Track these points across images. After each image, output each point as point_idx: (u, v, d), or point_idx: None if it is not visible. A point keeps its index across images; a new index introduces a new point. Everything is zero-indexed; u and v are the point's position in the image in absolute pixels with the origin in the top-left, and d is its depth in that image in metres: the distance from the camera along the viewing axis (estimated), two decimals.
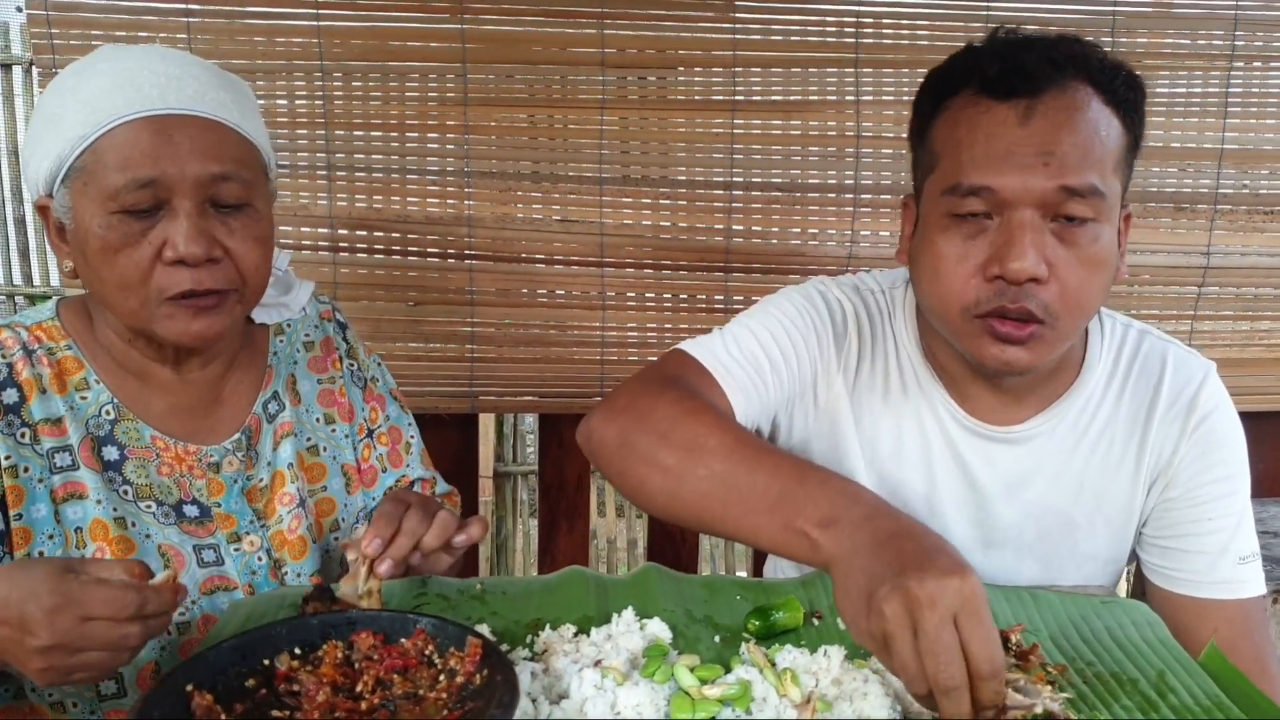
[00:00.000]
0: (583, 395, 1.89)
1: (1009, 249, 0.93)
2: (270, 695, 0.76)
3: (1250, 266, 1.92)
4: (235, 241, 0.99)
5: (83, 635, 0.78)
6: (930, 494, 1.11)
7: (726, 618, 0.91)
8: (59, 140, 0.96)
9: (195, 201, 0.96)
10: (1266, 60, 1.85)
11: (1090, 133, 0.93)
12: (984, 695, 0.66)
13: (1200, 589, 1.05)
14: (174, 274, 0.96)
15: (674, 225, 1.83)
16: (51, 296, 3.98)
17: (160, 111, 0.95)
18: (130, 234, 0.95)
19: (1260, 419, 1.99)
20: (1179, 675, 0.83)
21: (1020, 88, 0.93)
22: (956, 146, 0.97)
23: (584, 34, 1.74)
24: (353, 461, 1.21)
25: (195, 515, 1.06)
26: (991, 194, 0.94)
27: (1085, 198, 0.92)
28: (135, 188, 0.94)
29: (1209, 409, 1.07)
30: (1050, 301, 0.94)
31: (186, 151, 0.95)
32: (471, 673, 0.76)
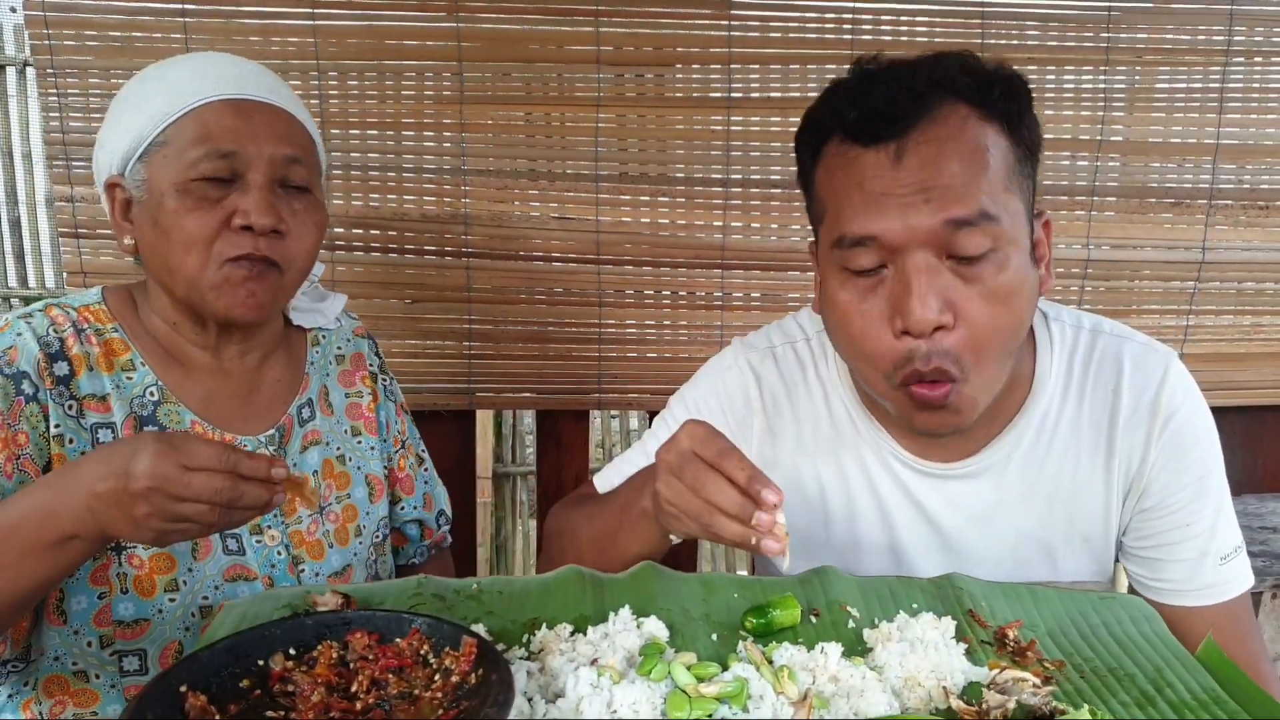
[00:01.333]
0: (580, 392, 1.89)
1: (906, 299, 0.87)
2: (265, 696, 0.75)
3: (1247, 261, 1.92)
4: (296, 222, 1.06)
5: (183, 483, 0.81)
6: (893, 543, 1.08)
7: (724, 616, 0.90)
8: (141, 118, 1.03)
9: (268, 178, 1.03)
10: (1264, 55, 1.84)
11: (969, 158, 0.87)
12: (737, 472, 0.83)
13: (1184, 597, 1.02)
14: (238, 238, 1.02)
15: (672, 223, 1.83)
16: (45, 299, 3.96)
17: (240, 96, 1.04)
18: (205, 199, 1.01)
19: (1257, 413, 1.99)
20: (1176, 670, 0.82)
21: (883, 131, 0.88)
22: (836, 196, 0.93)
23: (580, 32, 1.74)
24: (378, 472, 1.25)
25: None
26: (877, 242, 0.89)
27: (976, 225, 0.86)
28: (216, 157, 1.01)
29: (1173, 409, 1.02)
30: (960, 351, 0.89)
31: (264, 133, 1.03)
32: (467, 672, 0.75)
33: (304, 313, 1.22)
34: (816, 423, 1.09)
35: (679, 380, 1.90)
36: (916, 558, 1.08)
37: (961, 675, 0.80)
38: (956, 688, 0.79)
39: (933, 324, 0.87)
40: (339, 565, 1.16)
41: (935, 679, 0.79)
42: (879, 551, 1.09)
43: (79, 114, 1.71)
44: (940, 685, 0.78)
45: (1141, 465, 1.03)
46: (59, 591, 1.02)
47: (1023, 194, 0.92)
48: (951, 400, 0.91)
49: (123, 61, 1.69)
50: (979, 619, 0.90)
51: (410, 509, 1.32)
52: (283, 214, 1.04)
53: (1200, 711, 0.77)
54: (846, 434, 1.08)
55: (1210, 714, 0.77)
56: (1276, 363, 1.97)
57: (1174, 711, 0.77)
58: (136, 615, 1.03)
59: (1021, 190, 0.91)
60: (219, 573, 1.07)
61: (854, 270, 0.92)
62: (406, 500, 1.31)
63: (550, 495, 2.03)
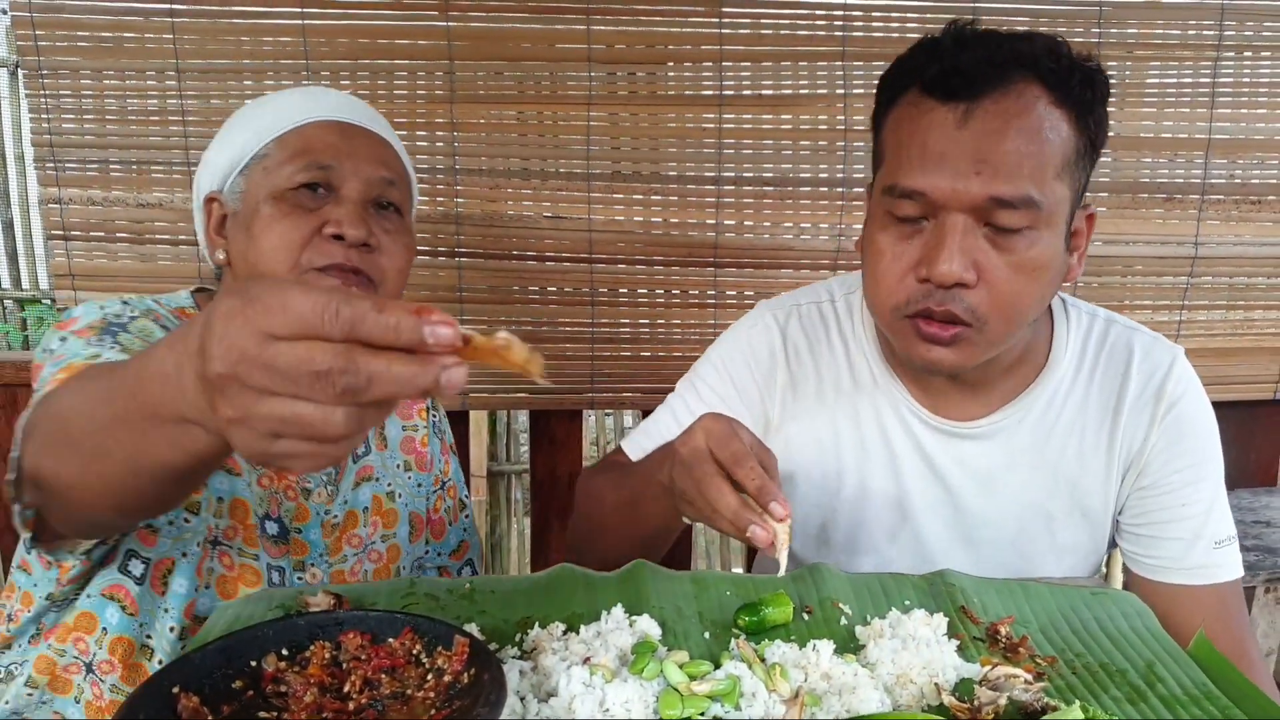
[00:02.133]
0: (573, 391, 1.89)
1: (937, 252, 0.92)
2: (257, 696, 0.75)
3: (1239, 256, 1.93)
4: (388, 239, 1.07)
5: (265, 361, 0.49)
6: (901, 497, 1.11)
7: (716, 613, 0.91)
8: (246, 134, 1.06)
9: (363, 195, 1.05)
10: (1255, 50, 1.85)
11: (1029, 139, 0.91)
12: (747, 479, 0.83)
13: (1176, 575, 1.06)
14: (328, 247, 1.02)
15: (665, 222, 1.83)
16: (41, 300, 3.93)
17: (344, 119, 1.07)
18: (299, 207, 1.03)
19: (1248, 408, 2.00)
20: (1168, 665, 0.83)
21: (960, 90, 0.92)
22: (898, 146, 0.97)
23: (571, 30, 1.74)
24: (421, 511, 1.24)
25: (274, 534, 1.09)
26: (924, 198, 0.93)
27: (1017, 208, 0.91)
28: (314, 167, 1.03)
29: (1177, 396, 1.07)
30: (977, 305, 0.94)
31: (363, 154, 1.06)
32: (459, 671, 0.75)
33: None
34: (837, 375, 1.13)
35: (672, 379, 1.89)
36: (921, 512, 1.12)
37: (954, 672, 0.81)
38: (949, 684, 0.79)
39: (955, 278, 0.92)
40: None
41: (927, 676, 0.79)
42: (887, 504, 1.12)
43: (67, 115, 1.70)
44: (932, 682, 0.78)
45: (1143, 445, 1.08)
46: (170, 561, 1.01)
47: (1073, 183, 0.95)
48: (956, 341, 0.95)
49: (110, 62, 1.69)
50: (971, 615, 0.90)
51: (435, 555, 1.30)
52: (374, 229, 1.05)
53: (1191, 706, 0.77)
54: (865, 386, 1.11)
55: (1201, 709, 0.77)
56: (1269, 357, 1.99)
57: (1165, 706, 0.77)
58: (209, 612, 1.01)
59: (1073, 179, 0.95)
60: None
61: (897, 216, 0.96)
62: (434, 545, 1.29)
63: (544, 494, 2.03)
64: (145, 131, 1.73)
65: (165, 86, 1.71)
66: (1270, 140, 1.88)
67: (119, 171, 1.74)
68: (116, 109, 1.72)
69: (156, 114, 1.72)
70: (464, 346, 0.51)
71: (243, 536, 1.05)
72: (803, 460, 1.14)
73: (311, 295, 0.49)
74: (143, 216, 1.76)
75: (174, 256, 1.77)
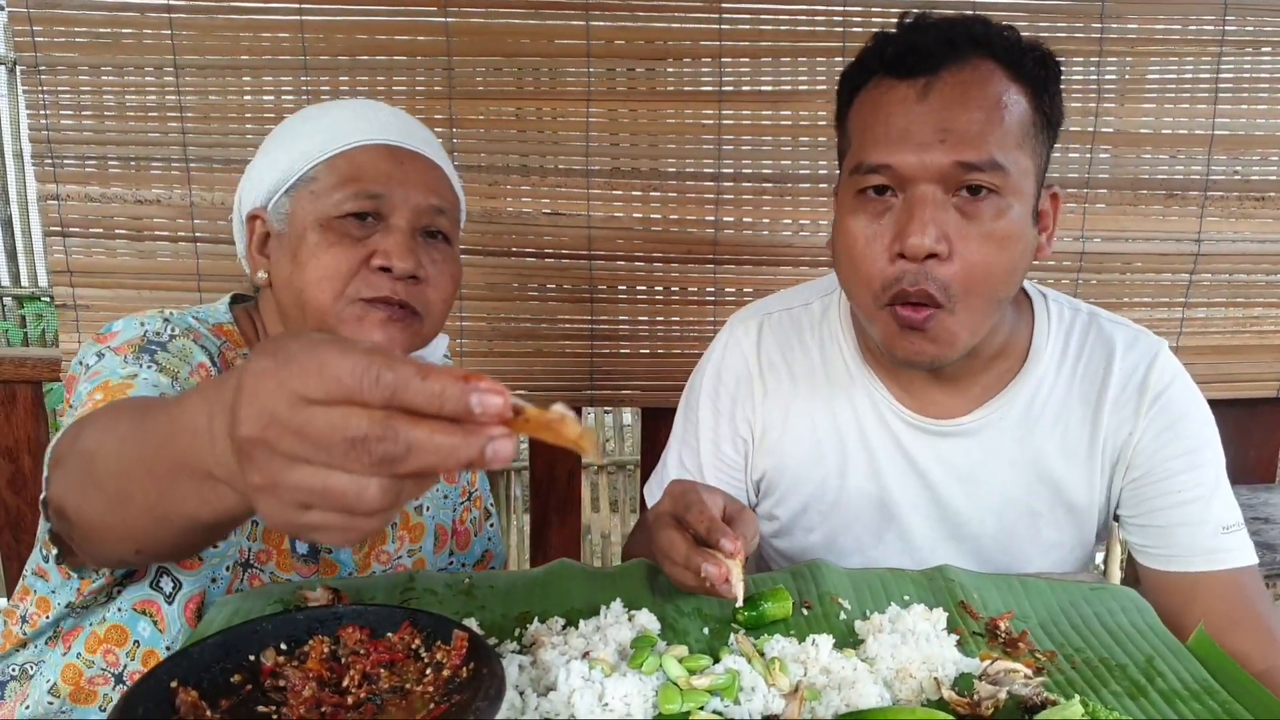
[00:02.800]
0: (572, 389, 1.89)
1: (908, 225, 0.93)
2: (256, 691, 0.75)
3: (1241, 253, 1.93)
4: (435, 270, 1.05)
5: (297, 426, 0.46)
6: (883, 496, 1.12)
7: (715, 608, 0.91)
8: (293, 153, 1.03)
9: (411, 224, 1.03)
10: (1257, 45, 1.85)
11: (990, 107, 0.93)
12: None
13: (1187, 563, 1.04)
14: (375, 279, 1.00)
15: (664, 218, 1.83)
16: (40, 297, 3.93)
17: (396, 143, 1.04)
18: (346, 236, 1.00)
19: (1247, 404, 2.00)
20: (1167, 660, 0.83)
21: (918, 66, 0.94)
22: (862, 129, 0.98)
23: (570, 25, 1.74)
24: (447, 524, 1.24)
25: (304, 553, 1.09)
26: (892, 171, 0.94)
27: (985, 171, 0.93)
28: (365, 196, 1.01)
29: (1161, 386, 1.07)
30: (950, 281, 0.94)
31: (414, 180, 1.03)
32: (458, 666, 0.76)
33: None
34: (813, 378, 1.14)
35: (671, 377, 1.91)
36: (905, 511, 1.12)
37: (953, 666, 0.81)
38: (948, 679, 0.79)
39: (927, 250, 0.92)
40: None
41: (927, 670, 0.80)
42: (871, 504, 1.12)
43: (65, 112, 1.71)
44: (932, 676, 0.79)
45: (1129, 438, 1.07)
46: (200, 597, 1.00)
47: (1034, 156, 0.97)
48: (931, 326, 0.96)
49: (107, 58, 1.69)
50: (970, 610, 0.91)
51: (458, 567, 1.30)
52: (422, 260, 1.03)
53: (1191, 701, 0.78)
54: (842, 386, 1.12)
55: (1201, 704, 0.77)
56: (1271, 355, 1.99)
57: (1165, 701, 0.78)
58: None
59: (1034, 153, 0.97)
60: None
61: (864, 191, 0.97)
62: (458, 555, 1.29)
63: (543, 491, 2.03)
64: (143, 128, 1.73)
65: (163, 83, 1.71)
66: (1273, 136, 1.88)
67: (117, 168, 1.74)
68: (114, 105, 1.72)
69: (154, 110, 1.72)
70: (514, 418, 0.47)
71: (275, 561, 1.05)
72: (785, 464, 1.14)
73: (350, 357, 0.45)
74: (141, 213, 1.76)
75: (173, 254, 1.77)
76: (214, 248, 1.76)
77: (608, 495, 3.29)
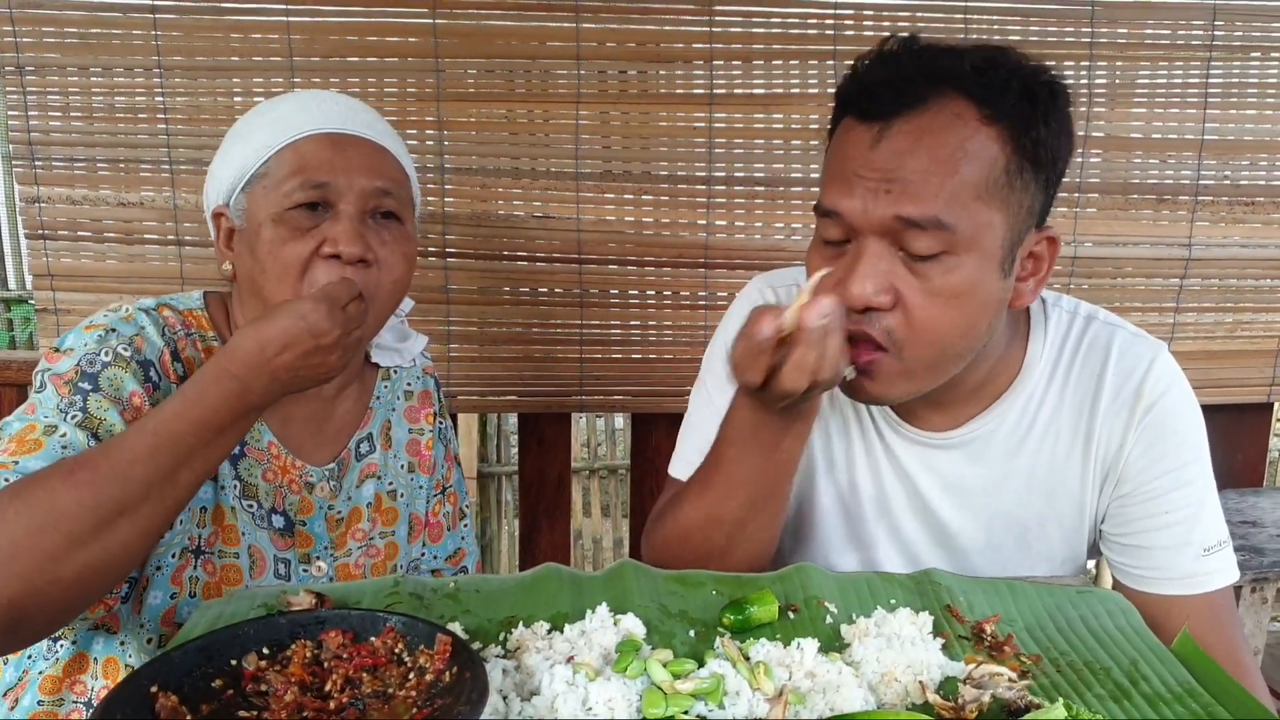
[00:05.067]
0: (562, 394, 1.90)
1: (850, 274, 0.91)
2: (237, 696, 0.76)
3: (1231, 258, 1.95)
4: (386, 251, 1.08)
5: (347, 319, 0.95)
6: (880, 495, 1.12)
7: (701, 612, 0.91)
8: (246, 151, 1.08)
9: (358, 208, 1.06)
10: (1246, 51, 1.87)
11: (942, 160, 0.88)
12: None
13: (1164, 585, 1.03)
14: (328, 267, 1.05)
15: (655, 222, 1.84)
16: (26, 300, 3.91)
17: (338, 130, 1.08)
18: (298, 229, 1.05)
19: (1235, 409, 2.02)
20: (1151, 663, 0.84)
21: (873, 110, 0.91)
22: (827, 167, 0.97)
23: (560, 27, 1.75)
24: (421, 513, 1.28)
25: (281, 526, 1.13)
26: (839, 218, 0.92)
27: (926, 230, 0.88)
28: (309, 187, 1.05)
29: (1156, 395, 1.03)
30: (894, 329, 0.92)
31: (357, 165, 1.07)
32: (441, 670, 0.76)
33: (385, 351, 1.24)
34: None
35: (662, 382, 1.92)
36: (899, 514, 1.12)
37: (938, 670, 0.81)
38: (933, 683, 0.80)
39: (865, 301, 0.91)
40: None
41: (912, 674, 0.80)
42: (871, 501, 1.13)
43: (51, 113, 1.71)
44: (917, 680, 0.79)
45: (1119, 451, 1.05)
46: (144, 581, 1.04)
47: (1005, 206, 0.91)
48: (872, 368, 0.94)
49: (90, 59, 1.69)
50: (957, 614, 0.91)
51: (431, 558, 1.32)
52: (371, 244, 1.07)
53: (1175, 704, 0.78)
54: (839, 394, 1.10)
55: (1185, 706, 0.78)
56: (1262, 360, 2.00)
57: (1148, 704, 0.79)
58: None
59: (1004, 203, 0.91)
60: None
61: (825, 239, 0.97)
62: (431, 547, 1.31)
63: (533, 495, 2.04)
64: (127, 129, 1.73)
65: (148, 84, 1.71)
66: (1262, 141, 1.90)
67: (100, 170, 1.74)
68: (98, 107, 1.72)
69: (139, 112, 1.72)
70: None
71: (222, 539, 1.07)
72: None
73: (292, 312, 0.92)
74: (124, 216, 1.76)
75: (161, 257, 1.78)
76: (198, 251, 1.77)
77: (599, 500, 3.29)
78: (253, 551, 1.09)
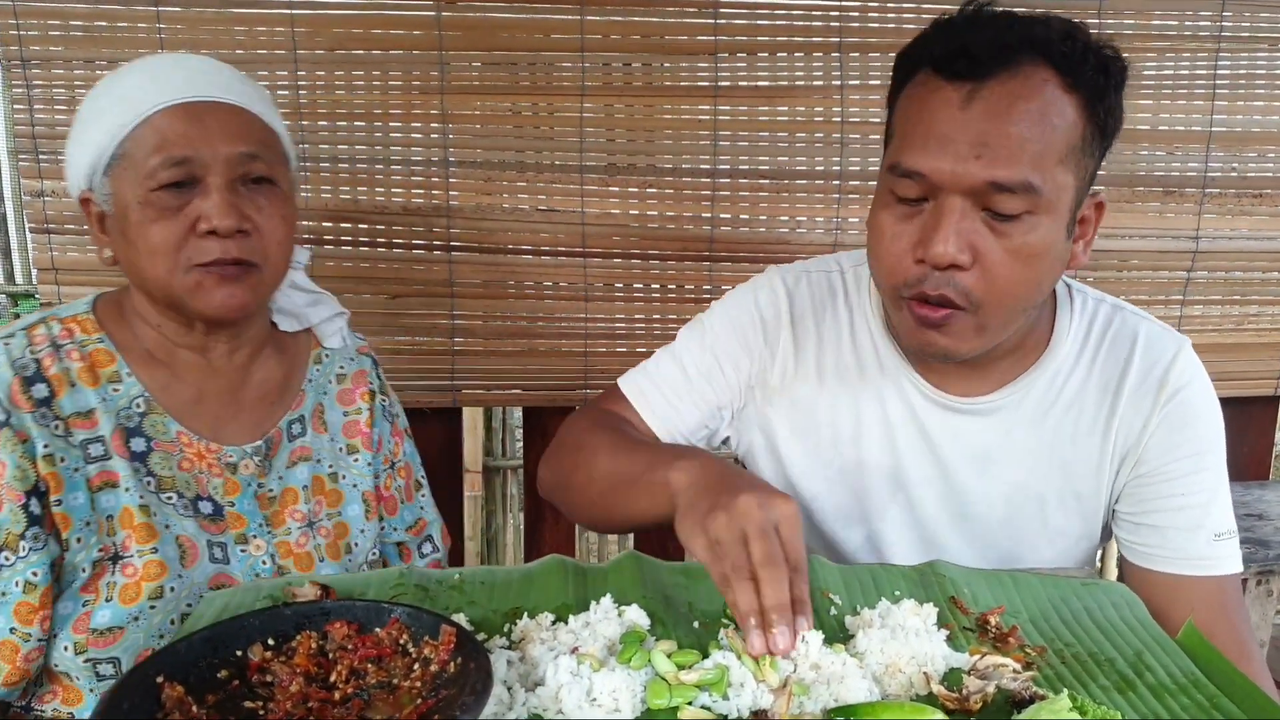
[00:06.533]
0: (567, 388, 1.90)
1: (933, 234, 0.94)
2: (243, 686, 0.76)
3: (1239, 250, 1.94)
4: (263, 217, 1.07)
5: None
6: (895, 468, 1.13)
7: (706, 604, 0.92)
8: (100, 133, 1.04)
9: (226, 178, 1.04)
10: (1255, 42, 1.86)
11: (1033, 124, 0.91)
12: (797, 588, 0.80)
13: (1175, 565, 1.06)
14: (204, 244, 1.04)
15: (660, 215, 1.84)
16: (31, 294, 3.94)
17: (192, 99, 1.04)
18: (166, 208, 1.03)
19: (1244, 403, 2.02)
20: (1156, 654, 0.84)
21: (966, 70, 0.92)
22: (904, 124, 0.98)
23: (564, 20, 1.75)
24: (373, 489, 1.27)
25: (209, 512, 1.12)
26: (924, 179, 0.94)
27: (1016, 193, 0.92)
28: (170, 164, 1.02)
29: (1180, 384, 1.07)
30: (972, 288, 0.95)
31: (217, 133, 1.04)
32: (446, 661, 0.77)
33: (288, 315, 1.23)
34: (839, 344, 1.15)
35: None
36: (917, 486, 1.13)
37: (943, 661, 0.82)
38: (938, 674, 0.80)
39: (949, 260, 0.93)
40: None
41: (916, 665, 0.80)
42: (882, 473, 1.14)
43: (54, 106, 1.71)
44: (921, 672, 0.79)
45: (1141, 433, 1.08)
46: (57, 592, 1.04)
47: (1078, 170, 0.95)
48: (948, 324, 0.97)
49: (93, 52, 1.70)
50: (961, 605, 0.92)
51: (391, 530, 1.33)
52: (247, 211, 1.05)
53: (1179, 695, 0.79)
54: (867, 357, 1.13)
55: (1189, 697, 0.78)
56: (1269, 352, 2.00)
57: (1153, 695, 0.79)
58: (112, 623, 1.04)
59: (1078, 167, 0.95)
60: (204, 581, 1.08)
61: (899, 197, 0.98)
62: (389, 520, 1.32)
63: (537, 490, 2.04)
64: None
65: None
66: (1270, 133, 1.90)
67: None
68: None
69: None
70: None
71: (137, 540, 1.06)
72: (799, 426, 1.15)
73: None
74: None
75: None
76: None
77: None
78: (182, 542, 1.08)
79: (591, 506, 1.10)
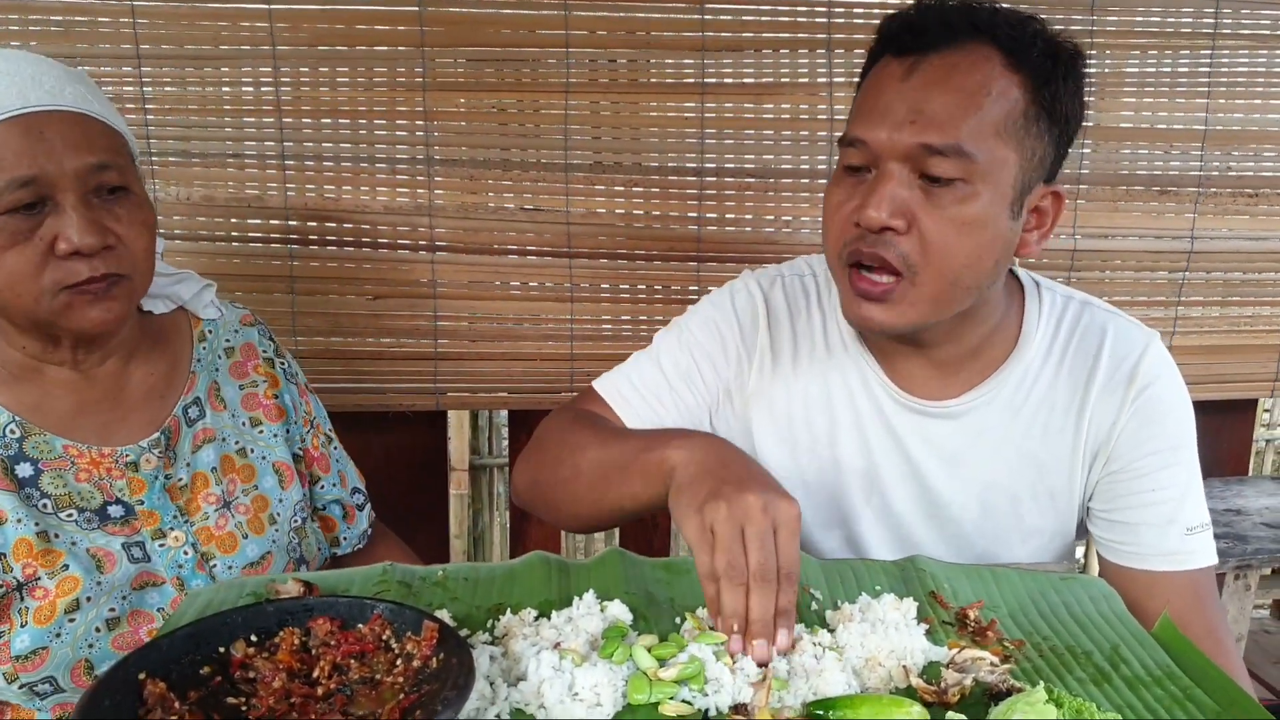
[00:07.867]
0: (552, 390, 1.93)
1: (868, 196, 1.00)
2: (225, 682, 0.79)
3: (1234, 250, 1.99)
4: (124, 228, 1.05)
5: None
6: (869, 469, 1.17)
7: (688, 599, 0.95)
8: None
9: (79, 194, 1.01)
10: (1249, 39, 1.91)
11: (968, 94, 0.97)
12: (784, 598, 0.83)
13: (1148, 561, 1.10)
14: (69, 266, 1.01)
15: (646, 214, 1.87)
16: None
17: (23, 110, 0.99)
18: (19, 233, 0.99)
19: (1239, 404, 2.06)
20: (1132, 647, 0.88)
21: (911, 44, 1.00)
22: (858, 101, 1.05)
23: (549, 15, 1.78)
24: (285, 459, 1.27)
25: (120, 515, 1.11)
26: (865, 146, 1.01)
27: (948, 156, 0.97)
28: (15, 187, 0.98)
29: (1149, 379, 1.11)
30: (909, 253, 1.00)
31: (61, 146, 1.00)
32: (428, 656, 0.80)
33: (157, 299, 1.22)
34: (813, 345, 1.20)
35: None
36: (891, 487, 1.17)
37: (922, 655, 0.85)
38: (917, 667, 0.84)
39: (881, 223, 0.99)
40: (256, 555, 1.20)
41: (895, 659, 0.84)
42: (858, 475, 1.18)
43: None
44: (900, 665, 0.83)
45: (1111, 429, 1.12)
46: None
47: (1020, 149, 1.00)
48: (887, 298, 1.02)
49: (66, 47, 1.71)
50: (941, 600, 0.96)
51: (330, 487, 1.34)
52: (107, 224, 1.03)
53: (1154, 687, 0.83)
54: (838, 357, 1.18)
55: (1163, 689, 0.82)
56: (1265, 354, 2.05)
57: (1128, 687, 0.83)
58: (33, 645, 1.03)
59: (1020, 145, 1.00)
60: (127, 582, 1.09)
61: (846, 166, 1.04)
62: (325, 479, 1.33)
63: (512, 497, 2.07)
64: None
65: (126, 73, 1.74)
66: (1266, 132, 1.94)
67: None
68: None
69: (118, 102, 1.75)
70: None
71: (41, 564, 1.06)
72: (775, 427, 1.19)
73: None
74: None
75: None
76: (181, 244, 1.80)
77: None
78: (95, 553, 1.08)
79: (577, 501, 1.13)
